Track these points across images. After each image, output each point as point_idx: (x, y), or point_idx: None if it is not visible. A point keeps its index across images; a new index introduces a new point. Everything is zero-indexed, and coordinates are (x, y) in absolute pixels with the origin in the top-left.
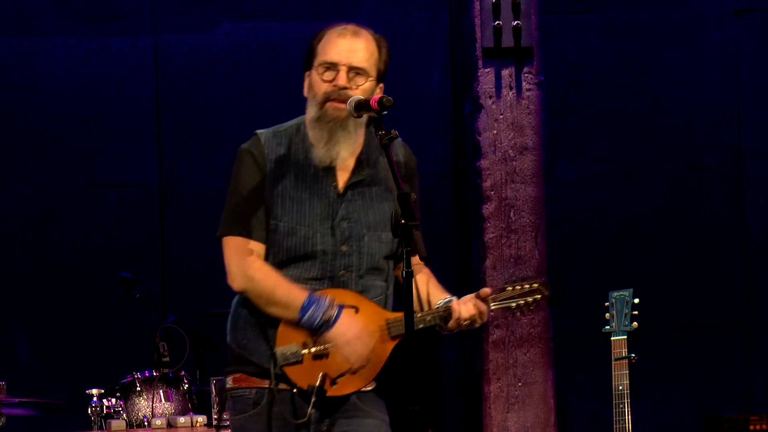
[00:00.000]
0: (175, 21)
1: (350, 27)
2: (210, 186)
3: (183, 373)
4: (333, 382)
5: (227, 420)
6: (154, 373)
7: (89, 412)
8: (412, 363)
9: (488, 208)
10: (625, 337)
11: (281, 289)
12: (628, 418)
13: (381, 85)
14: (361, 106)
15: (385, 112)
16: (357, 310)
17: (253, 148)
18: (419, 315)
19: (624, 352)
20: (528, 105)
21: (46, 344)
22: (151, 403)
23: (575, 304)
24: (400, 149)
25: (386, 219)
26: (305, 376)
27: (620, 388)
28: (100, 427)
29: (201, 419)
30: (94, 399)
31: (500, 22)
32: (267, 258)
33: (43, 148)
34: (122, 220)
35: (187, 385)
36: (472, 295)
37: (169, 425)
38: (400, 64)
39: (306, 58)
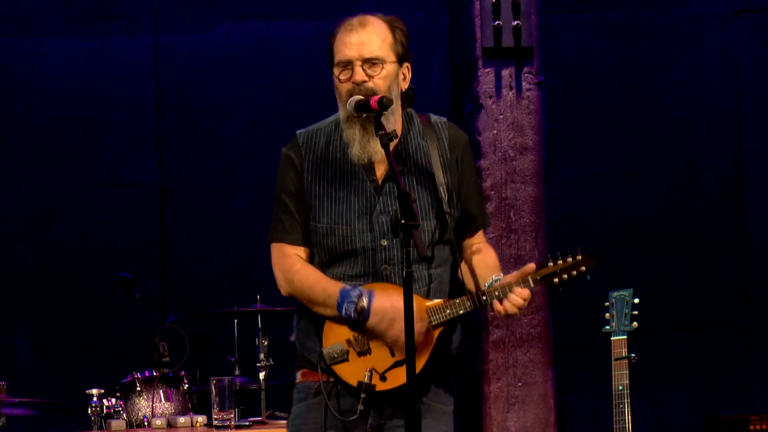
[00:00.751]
0: (175, 21)
1: (357, 18)
2: (210, 186)
3: (183, 373)
4: (382, 377)
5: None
6: (154, 373)
7: (89, 412)
8: (413, 363)
9: (488, 208)
10: (625, 337)
11: (318, 288)
12: (628, 417)
13: (406, 64)
14: (361, 106)
15: (385, 112)
16: None
17: (291, 151)
18: (458, 301)
19: (624, 352)
20: (528, 105)
21: (46, 344)
22: (151, 403)
23: (575, 304)
24: (442, 131)
25: (427, 208)
26: (353, 373)
27: (620, 388)
28: (100, 427)
29: (201, 419)
30: (94, 399)
31: (500, 22)
32: (312, 259)
33: (43, 148)
34: (122, 220)
35: (187, 385)
36: (515, 275)
37: (169, 425)
38: None
39: (328, 59)
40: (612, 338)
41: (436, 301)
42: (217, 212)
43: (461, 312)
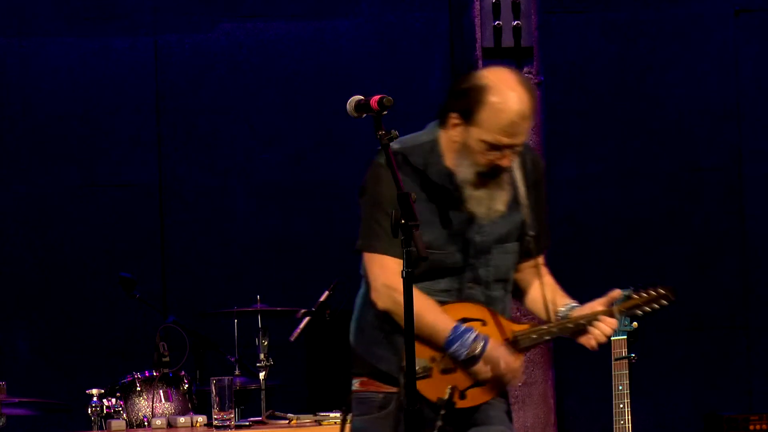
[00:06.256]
0: (175, 21)
1: (525, 107)
2: (210, 186)
3: (183, 373)
4: (462, 396)
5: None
6: (154, 373)
7: (89, 412)
8: (412, 363)
9: None
10: (625, 337)
11: (427, 318)
12: (628, 418)
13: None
14: (361, 106)
15: (385, 112)
16: (484, 323)
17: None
18: (546, 327)
19: (624, 352)
20: None
21: (46, 344)
22: (151, 403)
23: None
24: (526, 152)
25: (513, 230)
26: (434, 390)
27: (620, 388)
28: (100, 427)
29: (201, 419)
30: (94, 399)
31: (500, 22)
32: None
33: (43, 148)
34: (122, 220)
35: (187, 385)
36: (598, 305)
37: (169, 425)
38: (400, 64)
39: (467, 109)
40: (612, 338)
41: (522, 326)
42: (217, 212)
43: (546, 339)
